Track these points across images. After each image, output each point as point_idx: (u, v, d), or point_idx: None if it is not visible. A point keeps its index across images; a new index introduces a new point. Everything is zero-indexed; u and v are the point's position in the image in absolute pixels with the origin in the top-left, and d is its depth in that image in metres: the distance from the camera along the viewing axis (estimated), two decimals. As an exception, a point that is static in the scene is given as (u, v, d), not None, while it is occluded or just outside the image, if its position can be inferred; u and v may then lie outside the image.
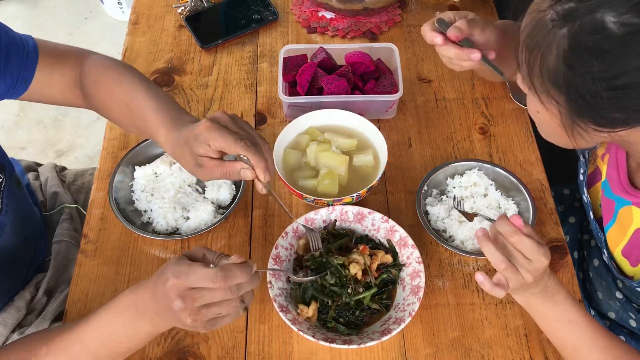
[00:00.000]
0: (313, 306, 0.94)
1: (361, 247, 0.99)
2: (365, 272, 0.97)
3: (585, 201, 1.06)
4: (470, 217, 1.03)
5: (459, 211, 1.03)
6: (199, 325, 0.81)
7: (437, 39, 1.02)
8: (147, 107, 0.97)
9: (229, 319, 0.83)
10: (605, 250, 1.02)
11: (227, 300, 0.79)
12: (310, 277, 0.97)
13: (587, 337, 0.86)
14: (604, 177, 1.01)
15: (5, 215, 1.04)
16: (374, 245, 1.02)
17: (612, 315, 1.12)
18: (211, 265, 0.79)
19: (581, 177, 1.08)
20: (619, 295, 1.08)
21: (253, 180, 0.91)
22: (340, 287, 0.96)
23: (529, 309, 0.90)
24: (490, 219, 1.02)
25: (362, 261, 0.96)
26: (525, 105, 1.04)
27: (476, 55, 1.00)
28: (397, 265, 1.00)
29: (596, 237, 1.05)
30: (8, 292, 1.10)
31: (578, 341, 0.87)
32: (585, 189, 1.06)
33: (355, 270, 0.95)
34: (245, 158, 0.89)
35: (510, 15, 0.94)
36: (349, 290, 0.95)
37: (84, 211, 1.25)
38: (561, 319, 0.87)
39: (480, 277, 0.85)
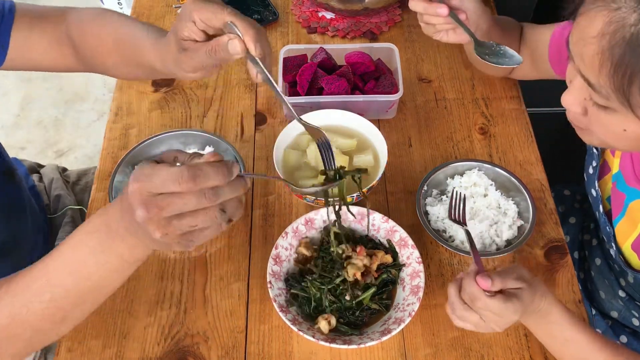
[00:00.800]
0: (332, 319, 0.94)
1: (358, 248, 0.98)
2: (365, 272, 0.97)
3: (594, 195, 1.06)
4: (464, 223, 1.01)
5: (454, 221, 1.02)
6: (172, 242, 0.67)
7: None
8: (138, 34, 0.92)
9: (209, 233, 0.68)
10: (613, 244, 1.02)
11: (203, 210, 0.65)
12: (316, 187, 0.83)
13: (587, 354, 0.85)
14: (614, 170, 1.00)
15: None
16: (374, 245, 1.02)
17: (614, 314, 1.12)
18: (178, 164, 0.65)
19: (591, 170, 1.06)
20: (621, 293, 1.08)
21: (247, 67, 0.80)
22: (337, 295, 0.95)
23: (525, 325, 0.89)
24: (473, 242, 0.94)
25: (360, 264, 0.96)
26: (491, 62, 1.00)
27: (443, 10, 0.98)
28: (397, 265, 0.99)
29: (603, 232, 1.05)
30: None
31: (577, 357, 0.87)
32: (596, 182, 1.06)
33: (353, 271, 0.95)
34: (234, 27, 0.77)
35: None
36: (347, 297, 0.95)
37: (86, 212, 1.24)
38: (557, 337, 0.87)
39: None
